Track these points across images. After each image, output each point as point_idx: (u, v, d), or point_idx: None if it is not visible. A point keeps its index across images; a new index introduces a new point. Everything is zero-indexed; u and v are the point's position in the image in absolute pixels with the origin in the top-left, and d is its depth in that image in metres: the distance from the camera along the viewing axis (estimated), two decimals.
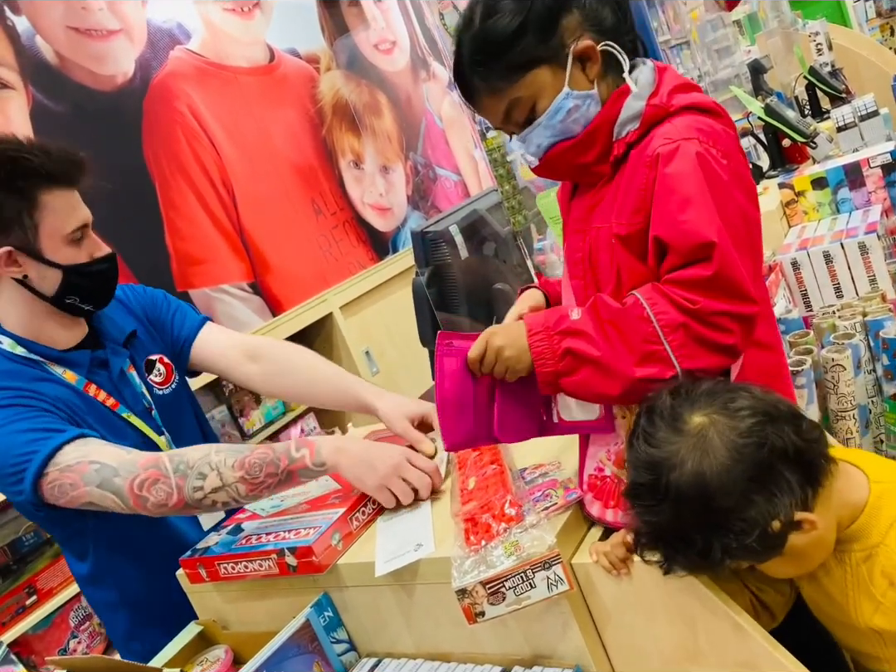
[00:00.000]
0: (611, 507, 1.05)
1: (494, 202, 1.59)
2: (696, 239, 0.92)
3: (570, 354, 0.96)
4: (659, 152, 0.97)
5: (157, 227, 2.94)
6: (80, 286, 1.33)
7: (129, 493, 1.22)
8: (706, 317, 0.91)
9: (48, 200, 1.28)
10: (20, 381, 1.31)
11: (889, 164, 2.02)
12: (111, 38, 2.94)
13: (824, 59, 3.70)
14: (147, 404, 1.45)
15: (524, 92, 1.04)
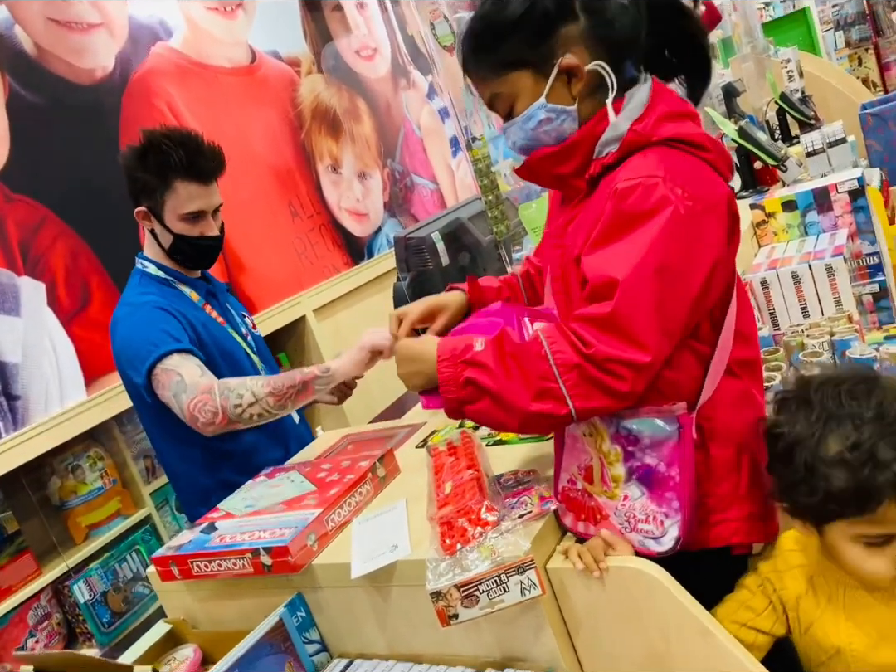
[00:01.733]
0: (581, 520, 1.08)
1: (477, 211, 1.61)
2: (603, 274, 0.94)
3: (471, 384, 0.99)
4: (618, 188, 0.97)
5: (131, 225, 2.90)
6: (184, 250, 1.78)
7: (187, 410, 1.58)
8: (599, 361, 0.93)
9: (178, 186, 1.71)
10: (163, 293, 1.77)
11: (856, 190, 2.08)
12: (91, 31, 2.91)
13: (795, 86, 3.80)
14: (244, 331, 1.92)
15: (505, 89, 1.06)
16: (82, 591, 2.50)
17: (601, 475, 1.06)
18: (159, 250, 1.81)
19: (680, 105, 1.05)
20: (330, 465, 1.42)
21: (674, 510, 0.99)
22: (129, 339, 1.71)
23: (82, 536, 2.60)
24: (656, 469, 1.01)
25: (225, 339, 1.81)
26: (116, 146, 2.92)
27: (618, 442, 1.03)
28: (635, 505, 1.02)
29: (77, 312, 2.66)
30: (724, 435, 1.06)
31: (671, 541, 0.99)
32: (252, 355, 1.87)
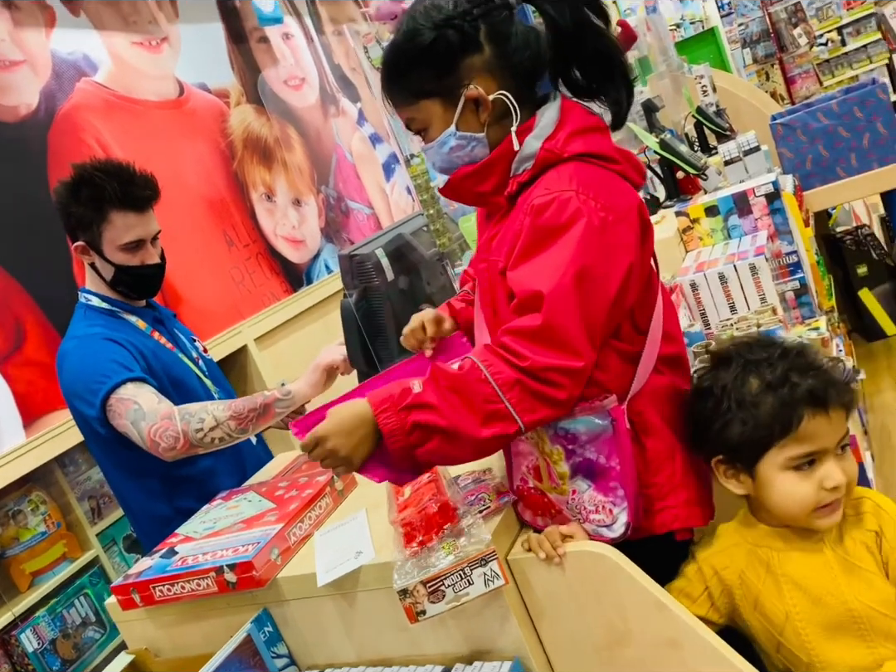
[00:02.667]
0: (539, 515, 1.14)
1: (418, 227, 1.65)
2: (528, 287, 0.99)
3: (419, 428, 0.98)
4: (534, 203, 1.02)
5: (64, 260, 2.86)
6: (126, 281, 1.78)
7: (147, 437, 1.58)
8: (536, 373, 0.96)
9: (114, 217, 1.71)
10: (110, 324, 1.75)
11: (771, 193, 2.21)
12: (14, 68, 2.87)
13: (709, 100, 4.00)
14: (195, 355, 1.92)
15: (417, 115, 1.11)
16: (30, 640, 2.42)
17: (548, 473, 1.11)
18: (101, 283, 1.79)
19: (588, 120, 1.10)
20: (287, 483, 1.43)
21: (619, 498, 1.05)
22: (79, 372, 1.69)
23: (27, 584, 2.52)
24: (597, 462, 1.06)
25: (175, 365, 1.81)
26: (45, 182, 2.88)
27: (557, 442, 1.08)
28: (584, 498, 1.07)
29: (11, 353, 2.60)
30: (656, 427, 1.12)
31: (622, 526, 1.05)
32: (204, 379, 1.87)
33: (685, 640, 0.97)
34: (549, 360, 0.96)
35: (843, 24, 7.28)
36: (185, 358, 1.86)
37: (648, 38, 4.55)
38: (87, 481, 2.78)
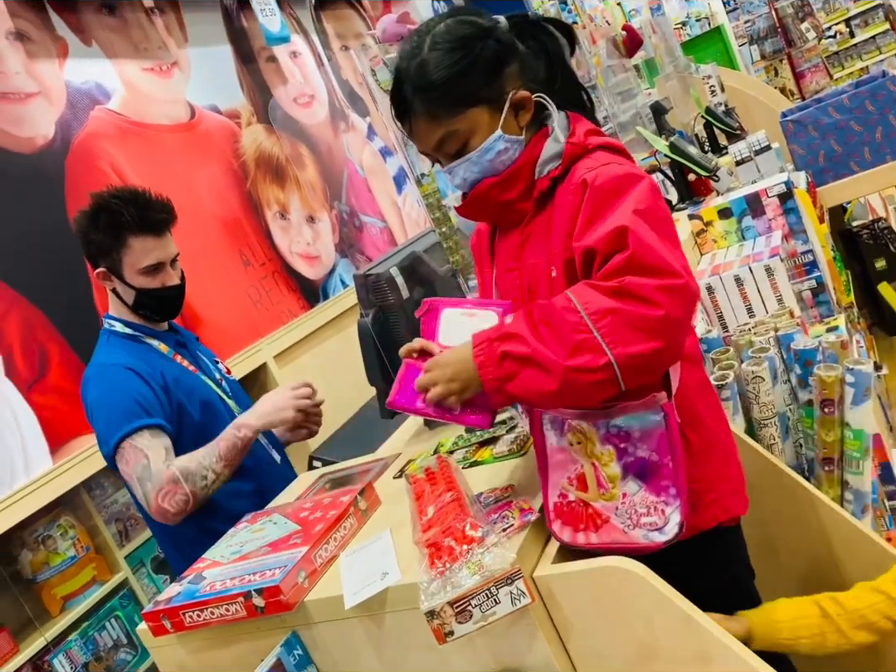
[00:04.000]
0: (581, 531, 1.09)
1: (431, 243, 1.67)
2: (609, 229, 0.99)
3: (508, 357, 1.00)
4: (585, 178, 1.06)
5: (85, 288, 2.91)
6: (147, 304, 1.82)
7: (153, 501, 1.65)
8: (634, 291, 0.94)
9: (132, 242, 1.76)
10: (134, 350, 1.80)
11: (784, 193, 2.20)
12: (29, 100, 2.92)
13: (718, 100, 3.99)
14: (218, 376, 1.97)
15: (461, 126, 1.12)
16: (63, 664, 2.45)
17: (596, 479, 1.08)
18: (123, 307, 1.84)
19: (593, 125, 1.19)
20: (311, 504, 1.44)
21: (672, 496, 1.03)
22: (100, 406, 1.74)
23: (58, 608, 2.55)
24: (650, 460, 1.04)
25: (199, 387, 1.85)
26: (63, 211, 2.93)
27: (609, 442, 1.06)
28: (635, 500, 1.05)
29: (36, 381, 2.64)
30: (696, 419, 1.13)
31: (675, 527, 1.03)
32: (227, 400, 1.91)
33: (715, 654, 0.96)
34: (647, 280, 0.94)
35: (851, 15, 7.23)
36: (209, 380, 1.90)
37: (654, 39, 4.55)
38: (113, 504, 2.81)
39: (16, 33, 2.94)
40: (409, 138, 1.19)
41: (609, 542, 1.07)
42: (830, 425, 1.47)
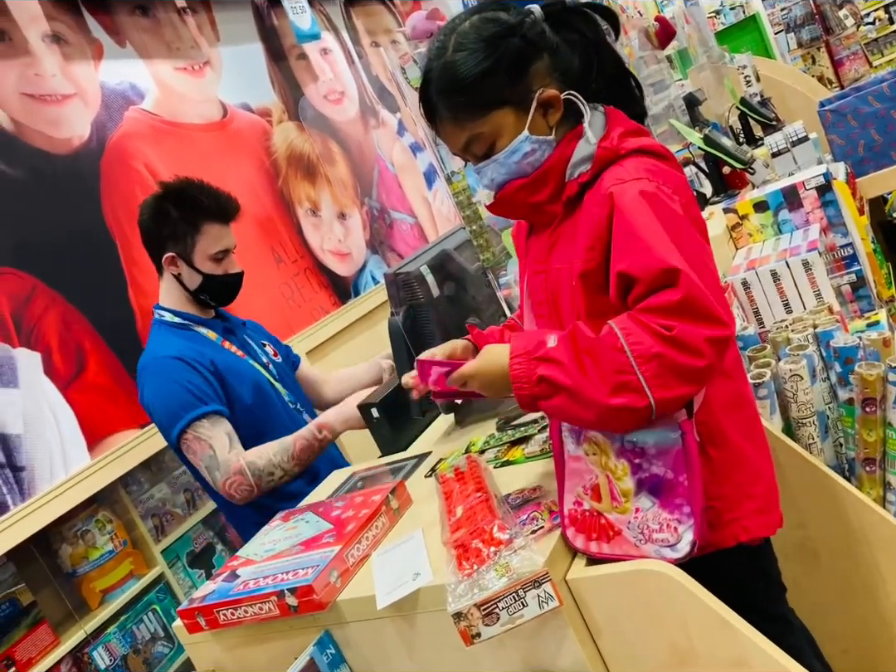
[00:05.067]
0: (593, 540, 1.08)
1: (461, 241, 1.66)
2: (659, 265, 0.96)
3: (545, 381, 1.00)
4: (612, 191, 1.03)
5: (120, 285, 2.95)
6: (211, 288, 1.92)
7: (222, 488, 1.79)
8: (683, 341, 0.93)
9: (206, 229, 1.86)
10: (183, 340, 1.88)
11: (823, 185, 2.15)
12: (65, 102, 2.97)
13: (753, 90, 3.91)
14: (265, 360, 2.04)
15: (486, 128, 1.09)
16: (102, 656, 2.50)
17: (609, 492, 1.07)
18: (176, 297, 1.93)
19: (633, 123, 1.14)
20: (343, 503, 1.44)
21: (686, 515, 1.01)
22: (156, 397, 1.83)
23: (97, 601, 2.60)
24: (664, 477, 1.03)
25: (249, 372, 1.93)
26: (98, 211, 2.97)
27: (624, 456, 1.05)
28: (648, 516, 1.04)
29: (74, 378, 2.69)
30: (722, 436, 1.10)
31: (687, 545, 1.01)
32: (275, 383, 1.99)
33: (752, 659, 0.94)
34: (698, 329, 0.94)
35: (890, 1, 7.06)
36: (257, 364, 1.98)
37: (687, 29, 4.48)
38: (149, 500, 2.85)
39: (52, 36, 2.98)
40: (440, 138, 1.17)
41: (620, 553, 1.05)
42: (872, 425, 1.43)
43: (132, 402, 2.82)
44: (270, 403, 1.93)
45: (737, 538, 1.09)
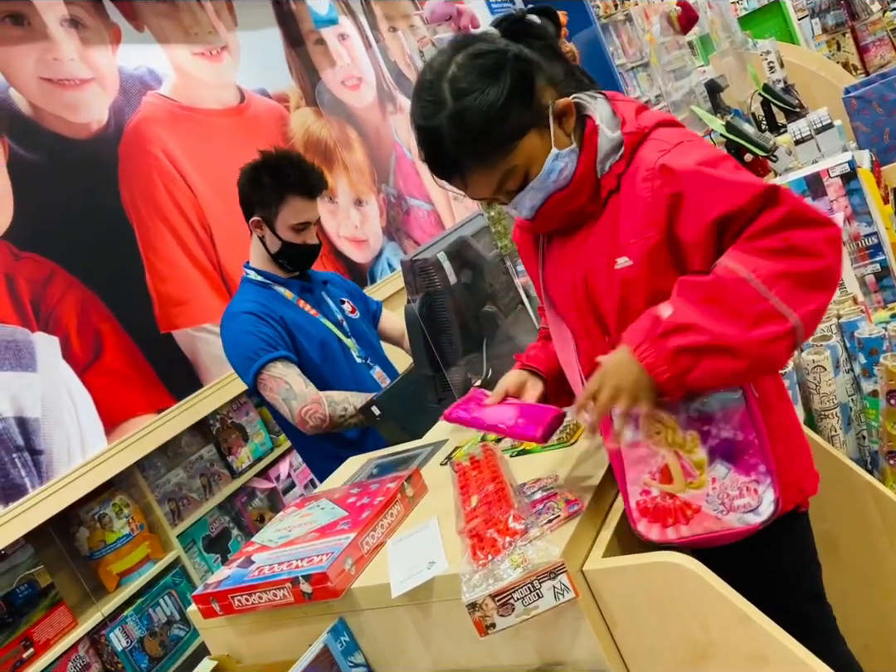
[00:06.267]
0: (670, 526, 1.05)
1: (479, 227, 1.64)
2: (754, 191, 0.94)
3: (682, 352, 0.94)
4: (662, 163, 1.01)
5: (137, 270, 2.96)
6: (289, 255, 2.09)
7: (297, 415, 1.96)
8: (802, 247, 0.92)
9: (290, 201, 2.03)
10: (260, 297, 2.08)
11: (848, 173, 2.11)
12: (84, 86, 2.97)
13: (777, 77, 3.85)
14: (340, 317, 2.20)
15: (519, 160, 1.04)
16: (119, 638, 2.52)
17: (681, 468, 1.04)
18: (261, 258, 2.12)
19: (631, 99, 1.14)
20: (359, 490, 1.44)
21: (762, 474, 1.00)
22: (232, 348, 2.04)
23: (114, 584, 2.62)
24: (735, 440, 1.01)
25: (318, 330, 2.10)
26: (116, 196, 2.97)
27: (692, 427, 1.03)
28: (725, 483, 1.01)
29: (92, 362, 2.70)
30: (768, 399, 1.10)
31: (770, 505, 0.99)
32: (345, 339, 2.15)
33: (772, 654, 0.93)
34: (812, 233, 0.93)
35: None
36: (328, 322, 2.15)
37: (710, 14, 4.41)
38: (166, 484, 2.87)
39: (70, 20, 2.98)
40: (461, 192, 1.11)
41: (702, 532, 1.03)
42: None
43: (149, 387, 2.84)
44: (335, 360, 2.09)
45: (795, 500, 1.10)
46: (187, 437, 3.01)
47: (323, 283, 2.27)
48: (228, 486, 3.07)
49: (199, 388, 2.97)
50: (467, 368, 1.63)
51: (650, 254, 1.03)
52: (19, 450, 2.40)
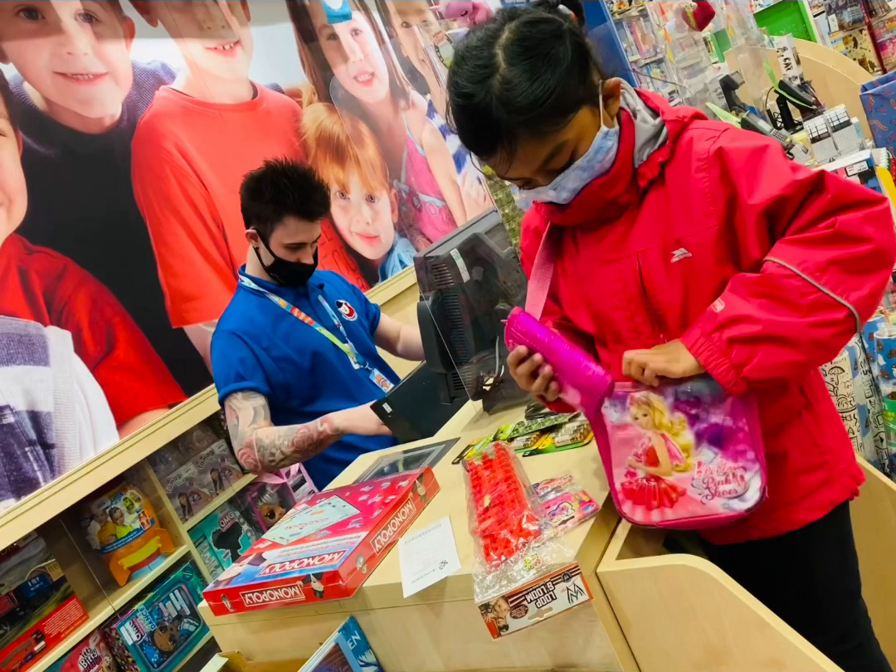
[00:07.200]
0: (654, 509, 1.05)
1: (492, 224, 1.63)
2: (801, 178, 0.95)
3: (737, 343, 0.95)
4: (719, 147, 1.00)
5: (150, 265, 2.96)
6: (280, 272, 2.09)
7: (238, 454, 2.00)
8: (846, 233, 0.92)
9: (286, 220, 1.99)
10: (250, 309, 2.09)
11: (865, 171, 2.09)
12: (97, 81, 2.97)
13: (793, 73, 3.80)
14: (336, 322, 2.18)
15: (571, 134, 1.00)
16: (129, 632, 2.53)
17: (668, 451, 1.03)
18: (255, 265, 2.12)
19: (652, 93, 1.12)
20: (370, 488, 1.43)
21: (750, 461, 0.99)
22: (214, 364, 2.08)
23: (125, 578, 2.63)
24: (724, 425, 1.00)
25: (311, 339, 2.10)
26: (129, 190, 2.98)
27: (679, 409, 1.02)
28: (711, 468, 1.00)
29: (104, 357, 2.70)
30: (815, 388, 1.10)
31: (756, 493, 0.98)
32: (341, 345, 2.14)
33: (789, 660, 0.92)
34: (854, 214, 0.93)
35: None
36: (323, 329, 2.14)
37: (726, 10, 4.37)
38: (177, 479, 2.87)
39: (84, 14, 2.98)
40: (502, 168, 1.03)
41: (686, 516, 1.02)
42: None
43: (161, 382, 2.84)
44: (330, 369, 2.09)
45: (849, 488, 1.09)
46: (198, 432, 3.01)
47: (319, 286, 2.24)
48: (239, 481, 3.08)
49: (211, 383, 2.97)
50: (479, 366, 1.62)
51: (712, 243, 1.02)
52: (32, 443, 2.41)
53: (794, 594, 1.08)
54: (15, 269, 2.53)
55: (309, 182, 2.00)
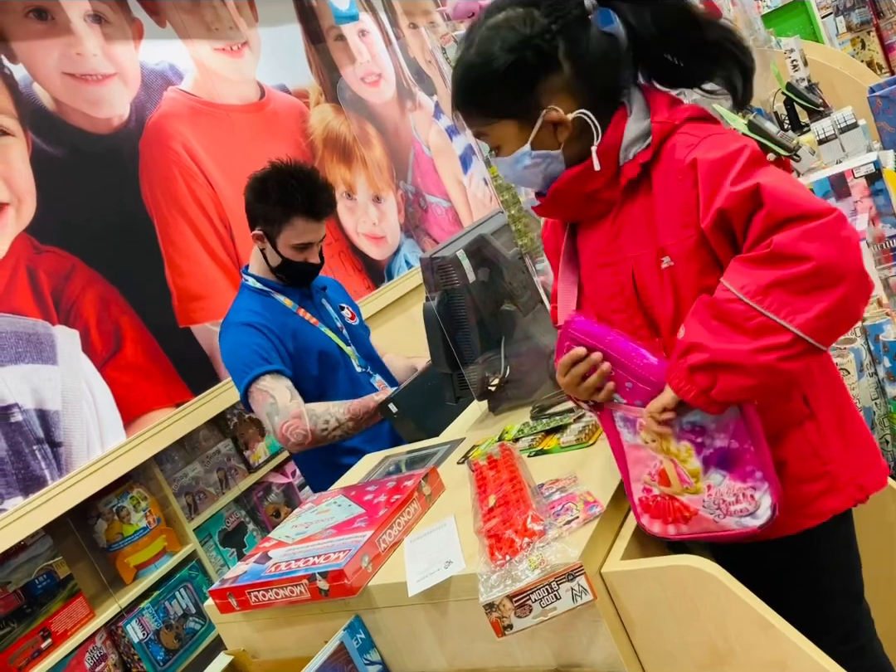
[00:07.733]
0: (671, 523, 1.06)
1: (500, 224, 1.63)
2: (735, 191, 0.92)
3: (697, 370, 0.95)
4: (693, 157, 0.98)
5: (157, 265, 2.98)
6: (287, 272, 2.09)
7: (279, 431, 1.93)
8: (781, 253, 0.89)
9: (294, 221, 2.00)
10: (258, 306, 2.07)
11: (873, 173, 2.08)
12: (106, 81, 2.99)
13: (800, 75, 3.80)
14: (339, 325, 2.19)
15: (490, 132, 1.09)
16: (136, 630, 2.54)
17: (677, 475, 1.04)
18: (260, 265, 2.12)
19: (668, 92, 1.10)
20: (376, 487, 1.44)
21: (759, 480, 0.99)
22: (228, 360, 2.05)
23: (131, 576, 2.64)
24: (730, 448, 1.00)
25: (318, 340, 2.10)
26: (137, 190, 2.99)
27: (685, 438, 1.02)
28: (721, 490, 1.01)
29: (111, 356, 2.72)
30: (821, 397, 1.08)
31: (767, 510, 0.98)
32: (345, 348, 2.15)
33: (793, 662, 0.92)
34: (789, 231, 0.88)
35: None
36: (328, 330, 2.14)
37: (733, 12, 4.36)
38: (183, 478, 2.89)
39: (93, 15, 3.00)
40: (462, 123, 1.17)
41: (701, 531, 1.03)
42: None
43: (168, 381, 2.85)
44: (335, 368, 2.08)
45: (854, 498, 1.07)
46: (205, 431, 3.03)
47: (322, 288, 2.26)
48: (245, 480, 3.09)
49: (217, 382, 2.99)
50: (485, 367, 1.63)
51: (692, 254, 1.01)
52: (39, 442, 2.42)
53: (798, 596, 1.08)
54: (24, 268, 2.55)
55: (315, 182, 2.01)
